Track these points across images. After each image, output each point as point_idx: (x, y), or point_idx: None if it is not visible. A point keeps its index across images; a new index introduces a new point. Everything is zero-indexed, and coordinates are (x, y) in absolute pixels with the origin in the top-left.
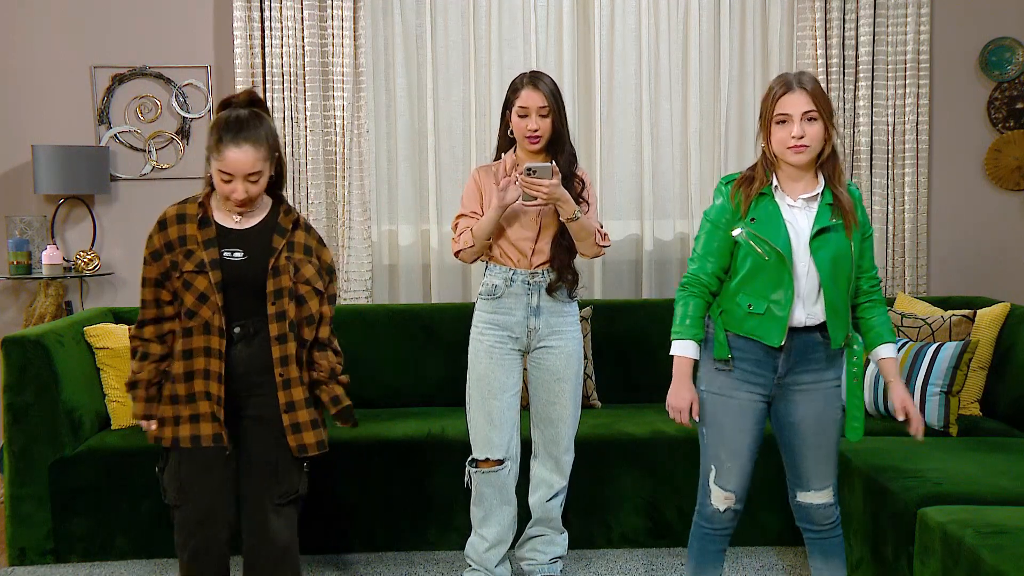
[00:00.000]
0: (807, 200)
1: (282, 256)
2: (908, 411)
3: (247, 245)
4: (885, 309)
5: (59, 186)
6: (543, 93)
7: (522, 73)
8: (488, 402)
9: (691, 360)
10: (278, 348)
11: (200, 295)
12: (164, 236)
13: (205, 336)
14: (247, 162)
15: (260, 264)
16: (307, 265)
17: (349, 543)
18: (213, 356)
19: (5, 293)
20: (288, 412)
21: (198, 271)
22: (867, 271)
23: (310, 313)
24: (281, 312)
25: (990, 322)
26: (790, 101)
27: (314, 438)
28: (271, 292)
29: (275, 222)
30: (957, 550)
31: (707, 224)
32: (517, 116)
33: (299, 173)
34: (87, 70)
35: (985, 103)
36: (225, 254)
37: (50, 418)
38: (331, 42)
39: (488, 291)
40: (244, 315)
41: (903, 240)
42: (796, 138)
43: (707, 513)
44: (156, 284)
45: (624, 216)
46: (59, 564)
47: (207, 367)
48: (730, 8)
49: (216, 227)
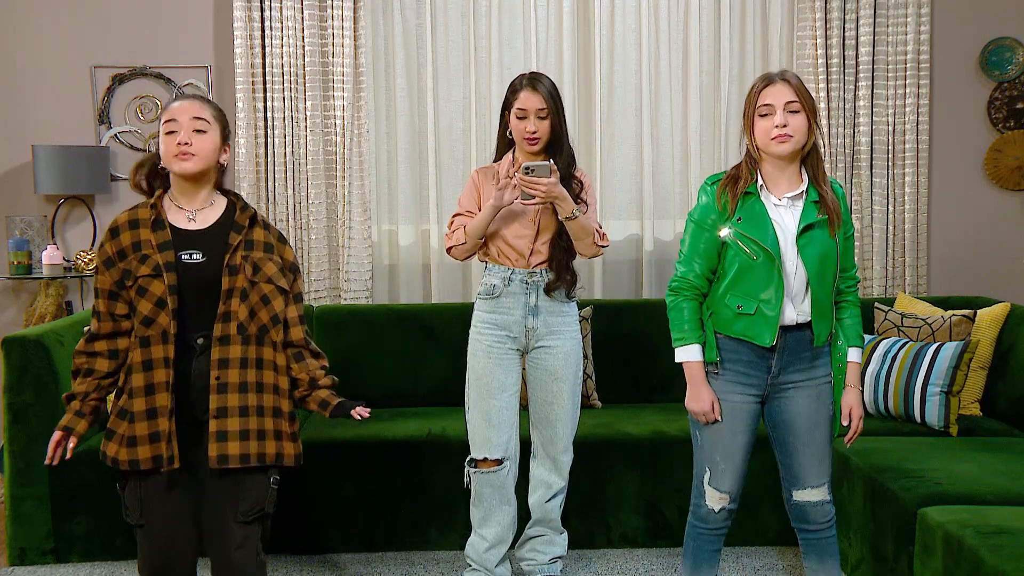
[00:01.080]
0: (792, 199)
1: (238, 254)
2: (852, 418)
3: (204, 246)
4: (858, 311)
5: (59, 186)
6: (542, 95)
7: (521, 74)
8: (487, 401)
9: (700, 363)
10: (217, 350)
11: (157, 300)
12: (117, 243)
13: (164, 346)
14: (191, 108)
15: (219, 265)
16: (268, 263)
17: (349, 543)
18: (161, 366)
19: (5, 293)
20: (217, 418)
21: (154, 275)
22: (846, 271)
23: (275, 313)
24: (228, 312)
25: (990, 322)
26: (772, 92)
27: (239, 450)
28: (224, 291)
29: (231, 220)
30: (958, 550)
31: (691, 225)
32: (516, 118)
33: (299, 173)
34: (87, 70)
35: (985, 103)
36: (183, 257)
37: (50, 418)
38: (331, 42)
39: (487, 291)
40: (207, 324)
41: (903, 240)
42: (779, 127)
43: (702, 514)
44: (110, 296)
45: (624, 216)
46: (59, 564)
47: (158, 380)
48: (730, 8)
49: (171, 229)
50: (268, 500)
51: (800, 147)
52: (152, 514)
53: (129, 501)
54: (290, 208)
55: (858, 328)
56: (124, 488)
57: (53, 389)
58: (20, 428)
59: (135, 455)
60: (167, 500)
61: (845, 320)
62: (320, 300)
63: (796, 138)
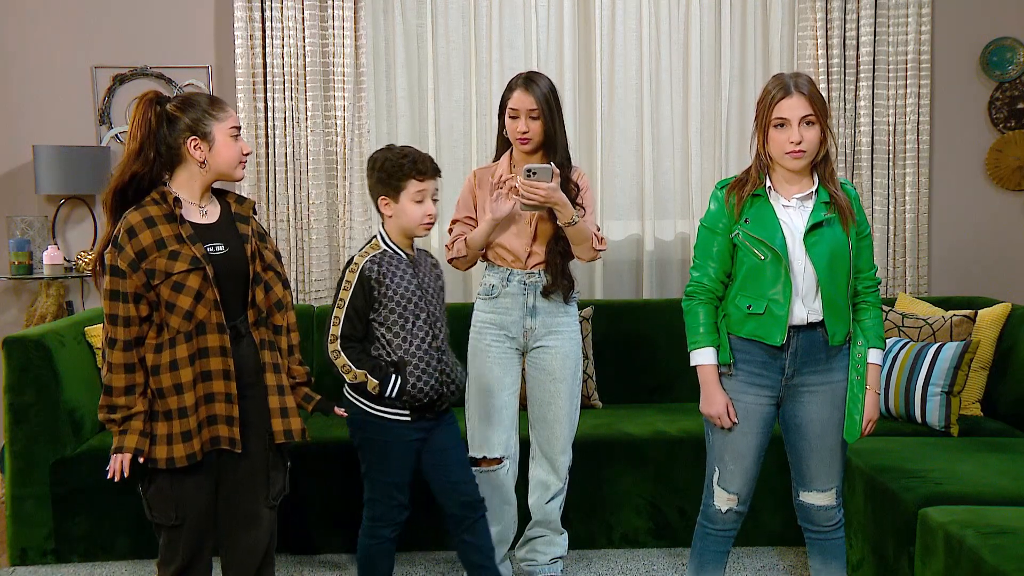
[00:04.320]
0: (801, 199)
1: (253, 241)
2: (869, 424)
3: (222, 238)
4: (879, 312)
5: (60, 186)
6: (534, 96)
7: (519, 74)
8: (486, 400)
9: (714, 366)
10: (257, 332)
11: (196, 294)
12: (137, 244)
13: (203, 336)
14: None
15: (239, 255)
16: (266, 251)
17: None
18: (215, 355)
19: (6, 293)
20: (279, 395)
21: (191, 269)
22: (863, 271)
23: (278, 298)
24: (254, 299)
25: (991, 322)
26: (788, 105)
27: (300, 424)
28: (251, 279)
29: (230, 211)
30: (959, 550)
31: (703, 230)
32: (508, 117)
33: (300, 173)
34: (88, 70)
35: (986, 103)
36: (209, 249)
37: (51, 418)
38: (332, 42)
39: (486, 291)
40: (233, 314)
41: (903, 240)
42: (794, 143)
43: (710, 513)
44: (135, 299)
45: (625, 216)
46: (60, 564)
47: (209, 368)
48: (731, 7)
49: (190, 224)
50: (286, 483)
51: (813, 157)
52: (189, 510)
53: (157, 501)
54: (291, 208)
55: (878, 330)
56: (148, 489)
57: (54, 389)
58: (21, 428)
59: (192, 448)
60: (200, 495)
61: (864, 321)
62: (321, 300)
63: (809, 152)
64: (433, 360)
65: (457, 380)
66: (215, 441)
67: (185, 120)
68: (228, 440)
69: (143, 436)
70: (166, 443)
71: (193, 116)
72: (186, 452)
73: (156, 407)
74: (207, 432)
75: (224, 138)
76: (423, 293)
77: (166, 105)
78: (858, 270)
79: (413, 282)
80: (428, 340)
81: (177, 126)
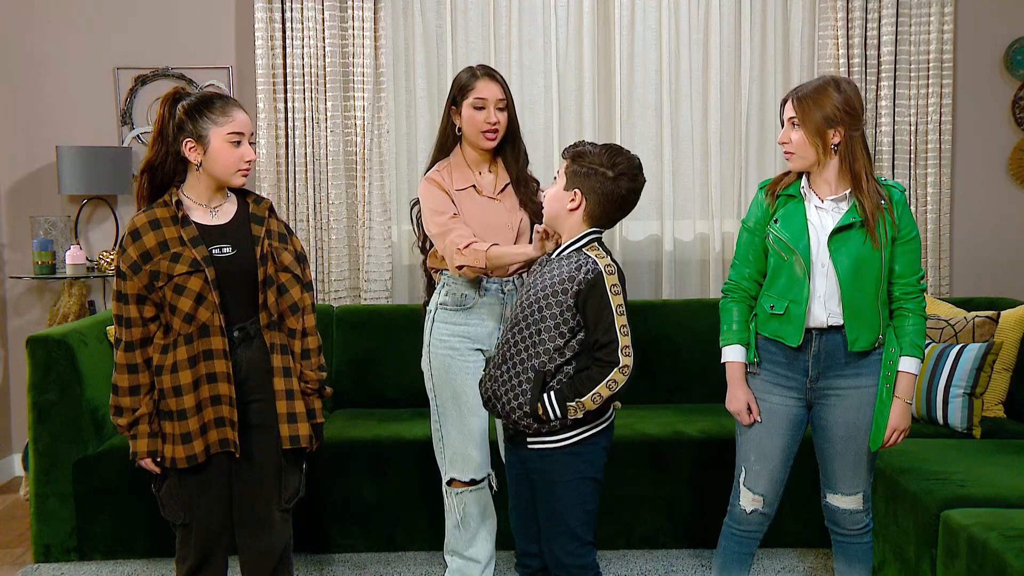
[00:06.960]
0: (835, 201)
1: (265, 243)
2: (894, 435)
3: (230, 239)
4: (919, 320)
5: (82, 186)
6: (501, 85)
7: (469, 67)
8: (468, 420)
9: (741, 364)
10: (267, 335)
11: (196, 296)
12: (140, 246)
13: (205, 339)
14: (249, 122)
15: (249, 257)
16: (284, 252)
17: (369, 542)
18: (219, 357)
19: (29, 293)
20: (289, 400)
21: (192, 271)
22: (901, 276)
23: (293, 301)
24: (265, 301)
25: (1014, 323)
26: (786, 108)
27: (308, 430)
28: (261, 281)
29: (248, 212)
30: (982, 553)
31: (742, 229)
32: (472, 108)
33: (319, 173)
34: (110, 72)
35: (1010, 102)
36: (214, 251)
37: (74, 417)
38: (352, 43)
39: (456, 301)
40: (242, 316)
41: (925, 241)
42: (781, 143)
43: (736, 513)
44: (139, 300)
45: (644, 216)
46: (83, 562)
47: (214, 370)
48: (751, 8)
49: (195, 225)
50: (302, 484)
51: (811, 162)
52: (199, 507)
53: (168, 500)
54: (310, 208)
55: (916, 338)
56: (161, 488)
57: (76, 388)
58: (44, 426)
59: (192, 451)
60: (211, 493)
61: (901, 327)
62: (340, 300)
63: (798, 153)
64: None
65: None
66: (224, 443)
67: (185, 121)
68: (232, 443)
69: (152, 437)
70: (171, 443)
71: (193, 118)
72: (186, 454)
73: (162, 407)
74: (216, 434)
75: (221, 143)
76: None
77: (178, 104)
78: (896, 275)
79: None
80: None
81: (179, 127)
